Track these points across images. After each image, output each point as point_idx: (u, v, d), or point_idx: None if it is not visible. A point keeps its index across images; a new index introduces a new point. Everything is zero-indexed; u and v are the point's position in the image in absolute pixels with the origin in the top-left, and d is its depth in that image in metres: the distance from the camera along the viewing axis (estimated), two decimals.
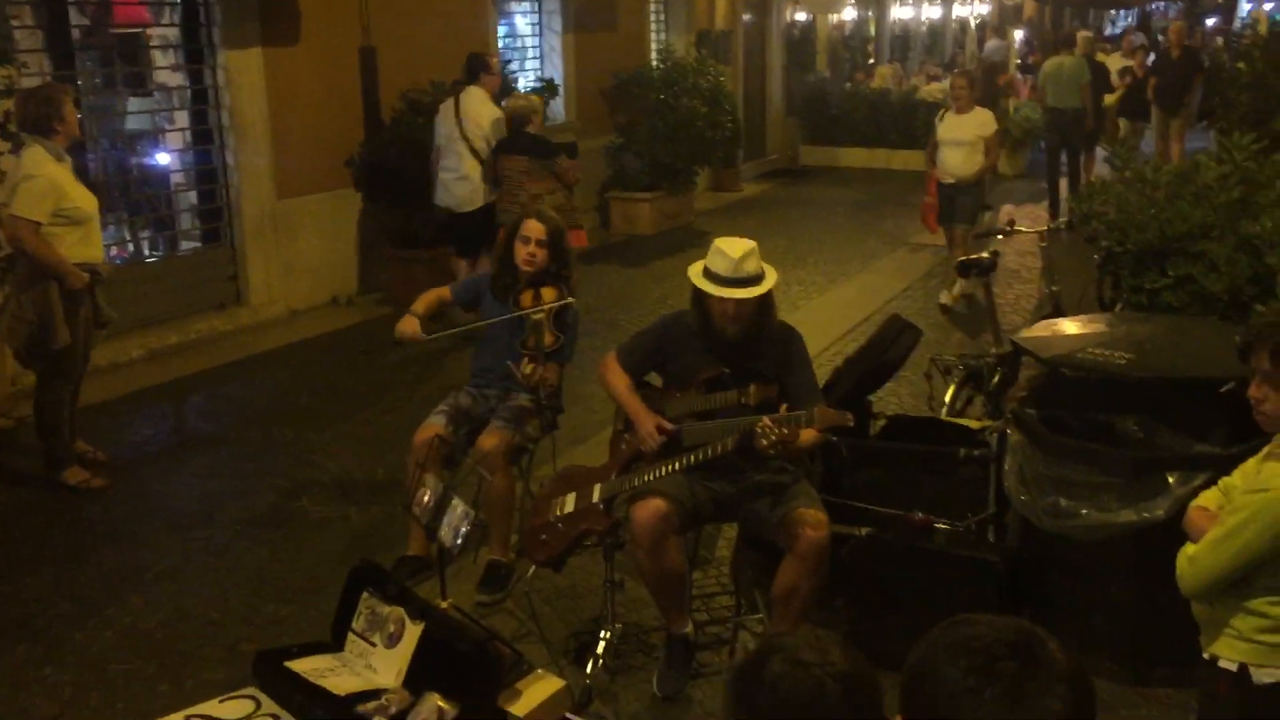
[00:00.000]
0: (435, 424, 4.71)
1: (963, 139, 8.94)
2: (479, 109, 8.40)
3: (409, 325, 4.80)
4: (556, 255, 4.83)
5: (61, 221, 5.38)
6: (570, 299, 4.78)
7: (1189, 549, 2.83)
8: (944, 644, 1.53)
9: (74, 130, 5.56)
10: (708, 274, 3.89)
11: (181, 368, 7.73)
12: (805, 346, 4.11)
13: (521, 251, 4.79)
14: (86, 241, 5.52)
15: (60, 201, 5.36)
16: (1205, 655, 2.87)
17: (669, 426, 3.95)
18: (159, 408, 7.11)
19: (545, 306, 4.66)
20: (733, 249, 3.85)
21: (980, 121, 8.97)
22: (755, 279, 3.86)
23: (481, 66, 8.65)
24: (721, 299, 3.86)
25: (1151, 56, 15.66)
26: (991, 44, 21.85)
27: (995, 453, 4.31)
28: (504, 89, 9.91)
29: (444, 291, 5.04)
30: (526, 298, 4.77)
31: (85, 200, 5.53)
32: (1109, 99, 14.22)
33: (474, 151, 8.31)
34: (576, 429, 6.24)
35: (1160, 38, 22.02)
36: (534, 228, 4.79)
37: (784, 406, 3.74)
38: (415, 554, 4.70)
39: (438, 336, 4.94)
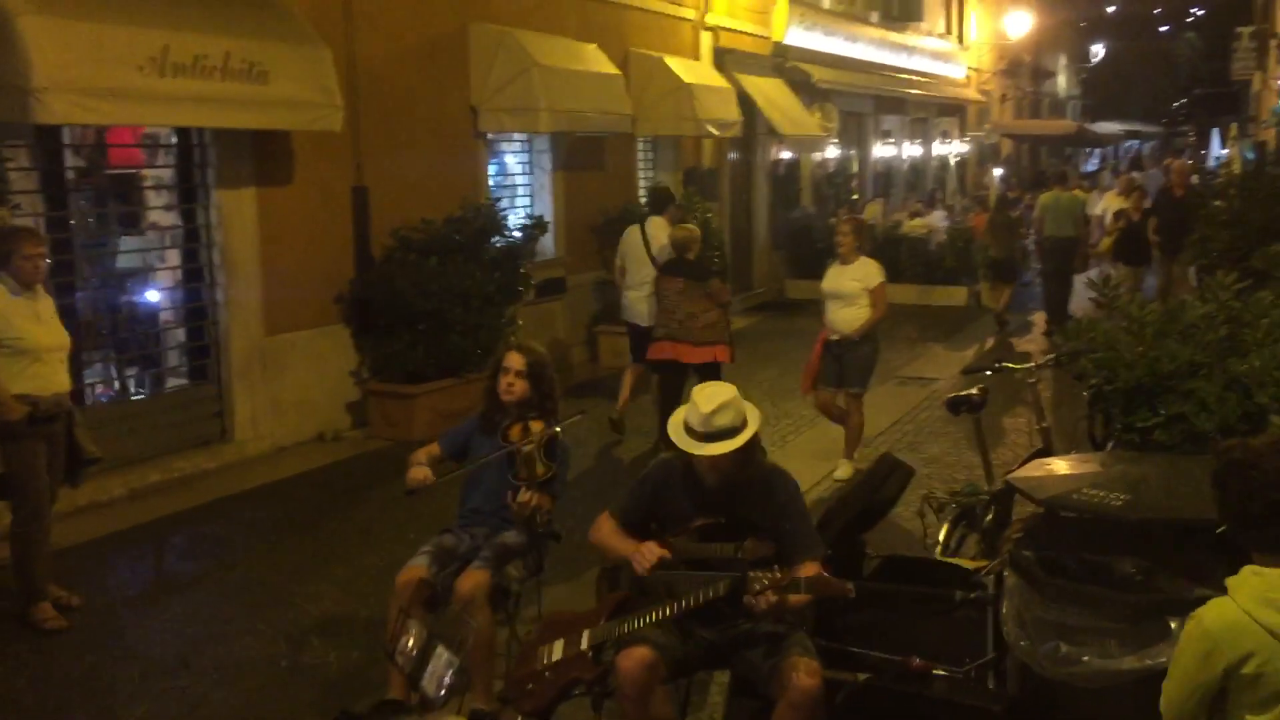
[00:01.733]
0: (419, 565, 4.62)
1: (844, 291, 8.03)
2: (662, 235, 9.31)
3: (420, 473, 4.79)
4: (539, 387, 4.87)
5: (4, 352, 5.48)
6: (558, 429, 4.77)
7: None
8: None
9: (23, 271, 5.60)
10: (687, 428, 3.86)
11: (163, 507, 7.62)
12: (795, 487, 4.05)
13: (502, 382, 4.87)
14: (29, 374, 5.57)
15: (2, 332, 5.47)
16: None
17: (662, 553, 3.85)
18: (139, 549, 6.97)
19: (534, 439, 4.67)
20: (706, 402, 3.82)
21: (864, 272, 8.02)
22: (730, 432, 3.81)
23: (668, 199, 9.89)
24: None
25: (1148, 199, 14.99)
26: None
27: (993, 595, 4.22)
28: (494, 226, 10.10)
29: (433, 448, 5.04)
30: (514, 432, 4.79)
31: (33, 334, 5.61)
32: (1105, 243, 14.39)
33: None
34: (562, 568, 6.12)
35: (1135, 174, 22.34)
36: (514, 359, 4.89)
37: (777, 569, 3.65)
38: (395, 698, 4.54)
39: (447, 478, 4.86)
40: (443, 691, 3.38)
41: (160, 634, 5.72)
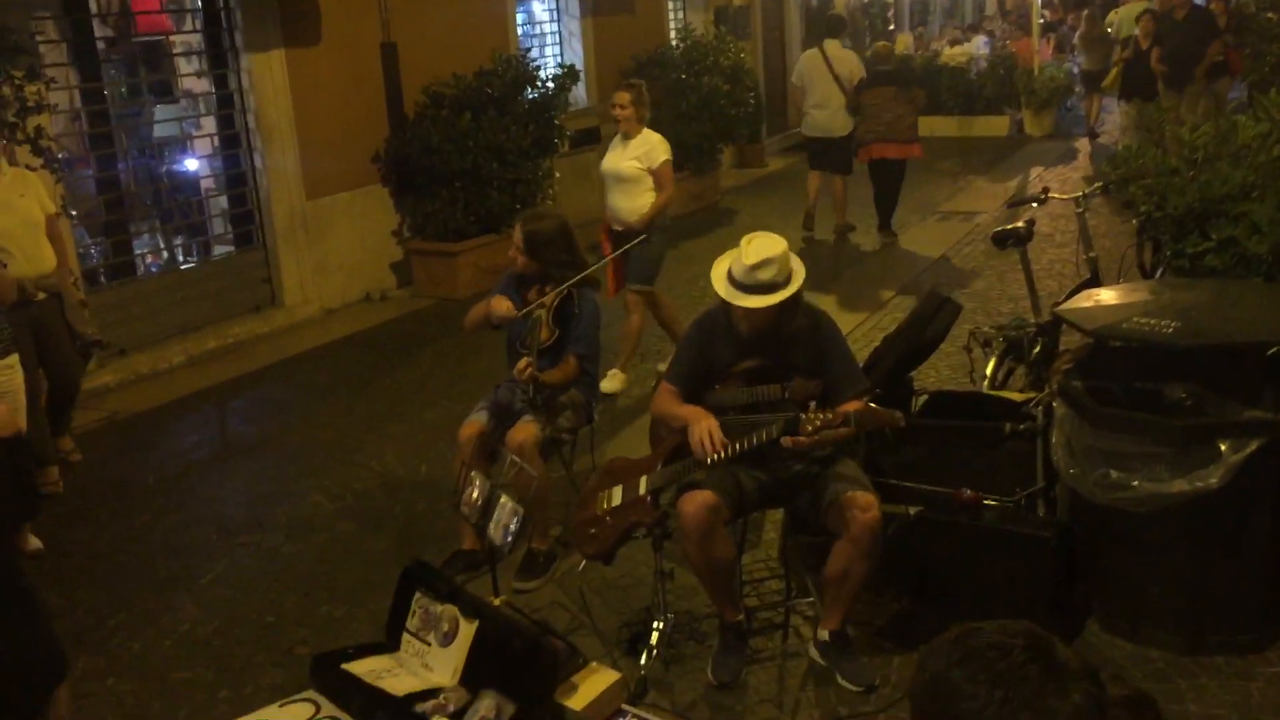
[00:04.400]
0: (478, 420, 4.77)
1: (623, 173, 6.70)
2: (846, 54, 10.67)
3: (503, 304, 4.87)
4: (539, 258, 4.91)
5: None
6: (561, 291, 4.83)
7: None
8: (957, 659, 1.48)
9: None
10: (730, 276, 3.85)
11: (221, 372, 7.81)
12: (836, 327, 4.04)
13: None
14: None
15: None
16: None
17: (723, 442, 3.80)
18: (202, 413, 7.17)
19: (544, 302, 4.81)
20: (752, 254, 3.76)
21: (645, 149, 6.69)
22: (770, 287, 3.77)
23: (841, 24, 11.32)
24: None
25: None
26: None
27: (1042, 426, 4.27)
28: (525, 78, 9.96)
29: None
30: (532, 294, 4.94)
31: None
32: (1108, 79, 13.55)
33: (843, 89, 10.27)
34: (611, 419, 6.26)
35: None
36: (515, 232, 5.00)
37: (827, 410, 3.68)
38: (469, 548, 4.73)
39: (528, 311, 4.85)
40: (509, 538, 3.49)
41: (231, 494, 5.94)
